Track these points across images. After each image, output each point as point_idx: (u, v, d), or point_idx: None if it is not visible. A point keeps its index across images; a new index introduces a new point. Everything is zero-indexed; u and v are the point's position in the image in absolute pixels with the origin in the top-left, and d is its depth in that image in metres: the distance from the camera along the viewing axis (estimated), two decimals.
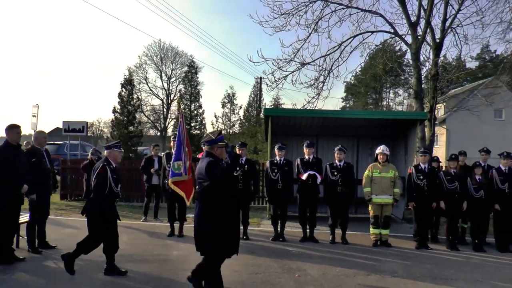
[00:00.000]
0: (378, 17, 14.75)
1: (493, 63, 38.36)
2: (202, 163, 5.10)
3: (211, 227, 4.98)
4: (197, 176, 5.16)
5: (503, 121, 39.13)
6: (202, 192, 5.07)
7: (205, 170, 4.95)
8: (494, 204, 8.83)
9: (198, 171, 5.11)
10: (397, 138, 12.34)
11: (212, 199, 5.02)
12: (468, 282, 6.53)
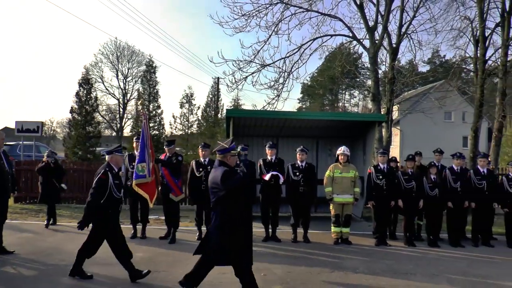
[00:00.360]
0: (337, 21, 15.12)
1: (443, 68, 39.97)
2: (216, 172, 5.09)
3: (228, 237, 5.04)
4: (210, 186, 5.14)
5: (453, 123, 41.02)
6: (218, 201, 5.08)
7: (221, 180, 4.94)
8: (447, 202, 9.26)
9: (213, 181, 5.09)
10: (356, 139, 12.66)
11: (228, 207, 5.05)
12: (425, 275, 6.84)
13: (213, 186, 5.08)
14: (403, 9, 15.42)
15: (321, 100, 66.39)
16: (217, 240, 5.08)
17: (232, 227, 5.05)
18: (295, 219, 9.13)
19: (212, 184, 5.08)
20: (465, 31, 16.34)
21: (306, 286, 6.07)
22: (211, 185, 5.13)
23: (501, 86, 15.23)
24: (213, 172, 5.19)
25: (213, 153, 6.16)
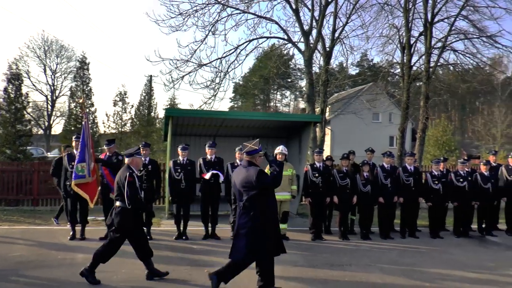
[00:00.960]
0: (273, 23, 15.47)
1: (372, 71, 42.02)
2: (249, 171, 5.32)
3: (260, 234, 5.29)
4: (242, 185, 5.33)
5: (380, 123, 43.18)
6: (251, 199, 5.28)
7: (256, 179, 5.19)
8: (378, 198, 9.82)
9: (245, 180, 5.29)
10: (292, 138, 13.04)
11: (260, 204, 5.29)
12: (360, 266, 7.26)
13: (245, 185, 5.30)
14: (336, 15, 16.06)
15: (253, 99, 67.11)
16: (248, 235, 5.31)
17: (263, 222, 5.32)
18: (234, 217, 9.28)
19: (245, 183, 5.30)
20: (393, 38, 17.34)
21: (250, 280, 6.22)
22: (242, 184, 5.34)
23: (424, 90, 16.33)
24: (244, 172, 5.41)
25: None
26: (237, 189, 5.50)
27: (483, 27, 16.42)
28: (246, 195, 5.33)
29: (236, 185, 5.51)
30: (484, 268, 7.38)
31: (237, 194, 5.56)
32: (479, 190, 10.26)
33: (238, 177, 5.49)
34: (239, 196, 5.46)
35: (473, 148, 45.86)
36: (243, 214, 5.36)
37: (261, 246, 5.35)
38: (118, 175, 6.12)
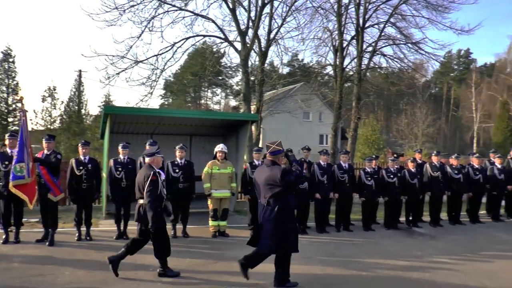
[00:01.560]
0: (210, 22, 15.53)
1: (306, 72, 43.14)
2: (273, 170, 5.72)
3: (285, 227, 5.73)
4: (267, 183, 5.71)
5: (311, 122, 44.51)
6: (275, 196, 5.67)
7: (281, 177, 5.59)
8: (315, 194, 10.20)
9: (270, 178, 5.69)
10: (229, 137, 13.18)
11: (283, 202, 5.71)
12: (300, 259, 7.48)
13: (269, 183, 5.70)
14: (271, 16, 16.39)
15: (183, 97, 66.52)
16: (275, 230, 5.70)
17: (286, 217, 5.75)
18: (175, 215, 9.28)
19: (269, 181, 5.71)
20: (326, 41, 17.97)
21: (195, 277, 6.31)
22: (267, 182, 5.74)
23: (357, 92, 17.09)
24: (267, 170, 5.83)
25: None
26: (259, 187, 5.91)
27: (409, 34, 17.53)
28: (270, 192, 5.72)
29: (258, 182, 5.91)
30: (413, 256, 7.94)
31: (259, 191, 5.94)
32: (407, 185, 10.97)
33: (262, 175, 5.88)
34: (262, 193, 5.84)
35: (397, 146, 48.32)
36: (268, 210, 5.78)
37: (286, 241, 5.78)
38: (140, 175, 6.42)
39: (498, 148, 20.94)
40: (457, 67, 70.59)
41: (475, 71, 58.03)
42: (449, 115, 63.16)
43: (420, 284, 6.28)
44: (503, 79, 48.58)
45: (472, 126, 51.89)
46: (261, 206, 5.92)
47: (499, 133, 44.16)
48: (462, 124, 58.70)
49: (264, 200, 5.82)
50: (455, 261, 7.66)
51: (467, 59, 70.48)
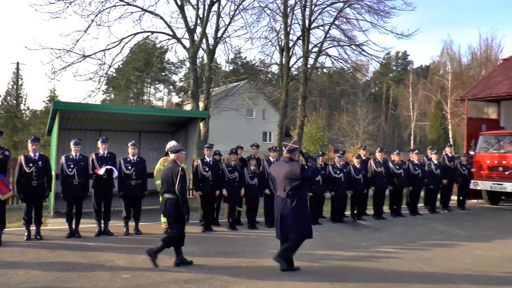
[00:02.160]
0: (159, 18, 15.42)
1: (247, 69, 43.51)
2: (292, 166, 6.46)
3: (305, 214, 6.51)
4: (287, 177, 6.39)
5: (254, 119, 45.04)
6: (295, 189, 6.39)
7: (300, 172, 6.33)
8: (264, 190, 10.48)
9: (290, 173, 6.39)
10: (178, 133, 13.20)
11: (301, 193, 6.49)
12: (253, 253, 7.80)
13: (290, 177, 6.39)
14: (219, 15, 16.51)
15: (126, 92, 65.16)
16: (299, 218, 6.41)
17: (304, 207, 6.58)
18: (127, 212, 9.26)
19: (289, 175, 6.40)
20: (273, 40, 18.34)
21: (152, 273, 6.38)
22: (287, 176, 6.42)
23: (302, 91, 17.56)
24: (286, 166, 6.52)
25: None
26: (277, 181, 6.58)
27: (353, 36, 18.24)
28: (290, 185, 6.41)
29: (275, 177, 6.62)
30: (359, 247, 8.40)
31: (277, 184, 6.59)
32: (352, 180, 11.50)
33: (281, 170, 6.57)
34: (281, 187, 6.49)
35: (339, 144, 49.79)
36: (288, 201, 6.45)
37: (304, 227, 6.54)
38: (166, 171, 6.89)
39: (433, 145, 22.22)
40: (395, 68, 73.66)
41: (412, 72, 60.81)
42: (388, 114, 65.85)
43: (367, 272, 6.68)
44: (437, 80, 51.22)
45: (410, 124, 54.40)
46: (279, 198, 6.57)
47: (433, 131, 46.61)
48: (400, 122, 61.40)
49: (283, 193, 6.47)
50: (398, 250, 8.19)
51: (405, 60, 73.75)
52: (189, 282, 6.00)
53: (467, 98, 16.86)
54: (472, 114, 16.84)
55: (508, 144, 14.24)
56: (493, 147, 14.52)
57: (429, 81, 54.44)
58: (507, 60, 19.24)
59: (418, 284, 6.14)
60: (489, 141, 14.78)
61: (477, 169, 14.49)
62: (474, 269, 7.00)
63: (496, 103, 17.27)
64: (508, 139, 14.41)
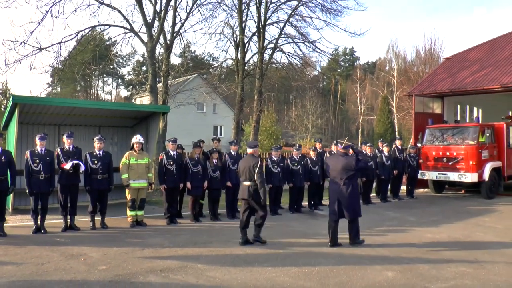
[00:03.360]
0: (116, 12, 15.30)
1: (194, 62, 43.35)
2: (348, 159, 7.90)
3: (357, 198, 8.14)
4: (344, 168, 7.79)
5: (205, 114, 45.22)
6: (350, 177, 7.83)
7: (355, 164, 7.81)
8: (226, 182, 10.81)
9: (347, 165, 7.81)
10: (138, 128, 13.23)
11: (354, 181, 8.05)
12: (220, 243, 8.11)
13: (346, 168, 7.81)
14: (176, 10, 16.57)
15: (73, 85, 63.25)
16: (354, 201, 7.93)
17: (356, 192, 8.08)
18: (93, 206, 9.33)
19: (346, 167, 7.81)
20: (228, 36, 18.60)
21: (128, 264, 6.58)
22: (344, 168, 7.81)
23: (258, 86, 17.96)
24: (343, 159, 7.93)
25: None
26: (335, 171, 7.95)
27: (306, 34, 18.81)
28: (346, 175, 7.81)
29: (333, 168, 7.99)
30: (320, 235, 8.87)
31: (336, 174, 7.94)
32: (309, 172, 12.03)
33: (338, 163, 7.95)
34: (339, 176, 7.87)
35: (289, 137, 50.81)
36: (344, 188, 7.83)
37: (359, 208, 8.12)
38: (245, 162, 8.03)
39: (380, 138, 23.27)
40: (343, 64, 75.63)
41: (359, 68, 62.83)
42: (337, 108, 67.65)
43: (330, 257, 7.18)
44: (383, 76, 53.27)
45: (357, 118, 56.25)
46: (336, 185, 7.93)
47: (380, 125, 48.50)
48: (348, 116, 63.28)
49: (341, 181, 7.84)
50: None
51: (352, 56, 75.89)
52: (165, 271, 6.26)
53: (414, 94, 17.87)
54: (419, 109, 17.89)
55: (451, 137, 15.31)
56: (438, 139, 15.56)
57: (376, 77, 56.48)
58: (449, 59, 20.49)
59: (377, 265, 6.70)
60: (435, 134, 15.80)
61: (424, 160, 15.47)
62: (425, 250, 7.70)
63: (440, 99, 18.42)
64: (451, 132, 15.48)
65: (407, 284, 5.84)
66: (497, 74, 16.23)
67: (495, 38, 20.10)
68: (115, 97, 69.69)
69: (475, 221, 10.68)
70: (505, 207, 12.85)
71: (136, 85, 56.24)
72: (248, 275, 6.16)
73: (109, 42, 20.84)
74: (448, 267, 6.66)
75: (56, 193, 9.16)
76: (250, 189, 7.88)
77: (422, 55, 46.41)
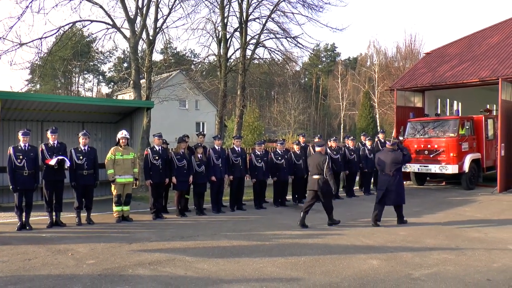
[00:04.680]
0: (98, 7, 15.16)
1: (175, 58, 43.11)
2: (396, 154, 9.30)
3: (403, 187, 9.54)
4: (393, 161, 9.17)
5: (187, 110, 45.11)
6: (397, 170, 9.23)
7: (402, 158, 9.25)
8: (211, 177, 10.86)
9: (395, 158, 9.19)
10: (122, 124, 13.16)
11: (400, 173, 9.40)
12: (207, 236, 8.18)
13: (395, 162, 9.17)
14: (157, 5, 16.48)
15: (53, 82, 62.33)
16: (400, 189, 9.29)
17: (402, 181, 9.45)
18: (79, 202, 9.29)
19: (395, 160, 9.18)
20: (211, 32, 18.58)
21: (116, 258, 6.61)
22: (393, 161, 9.18)
23: (241, 81, 17.99)
24: (392, 154, 9.31)
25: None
26: (385, 164, 9.25)
27: (288, 29, 18.85)
28: (395, 167, 9.18)
29: (384, 161, 9.31)
30: (305, 227, 9.04)
31: (386, 167, 9.25)
32: (293, 166, 12.15)
33: (387, 157, 9.31)
34: (388, 168, 9.21)
35: (271, 133, 50.91)
36: (393, 178, 9.19)
37: (404, 195, 9.46)
38: (315, 159, 9.29)
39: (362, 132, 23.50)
40: (324, 60, 75.97)
41: (340, 64, 63.27)
42: (319, 104, 67.98)
43: (316, 248, 7.31)
44: (365, 71, 53.76)
45: (339, 114, 56.67)
46: (386, 176, 9.27)
47: (362, 120, 48.92)
48: (330, 112, 63.65)
49: (390, 172, 9.18)
50: (340, 228, 8.95)
51: (333, 52, 76.28)
52: (153, 264, 6.31)
53: (395, 88, 18.12)
54: (401, 103, 18.16)
55: (432, 130, 15.60)
56: (419, 132, 15.84)
57: (357, 72, 56.94)
58: (429, 54, 20.81)
59: (362, 254, 6.85)
60: (416, 127, 16.08)
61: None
62: (409, 240, 7.90)
63: (421, 93, 18.72)
64: (432, 125, 15.77)
65: (391, 271, 6.00)
66: (475, 69, 16.57)
67: (472, 34, 20.48)
68: (96, 94, 68.99)
69: (456, 211, 10.96)
70: (484, 197, 13.19)
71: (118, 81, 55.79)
72: (235, 266, 6.25)
73: (89, 39, 20.69)
74: (430, 254, 6.85)
75: (40, 190, 9.09)
76: (319, 181, 9.10)
77: (402, 50, 47.02)
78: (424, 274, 5.86)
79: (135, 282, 5.50)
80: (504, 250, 7.20)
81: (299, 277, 5.75)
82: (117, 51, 49.72)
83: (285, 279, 5.68)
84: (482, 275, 5.86)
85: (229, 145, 16.84)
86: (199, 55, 43.24)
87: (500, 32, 19.19)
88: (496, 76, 14.94)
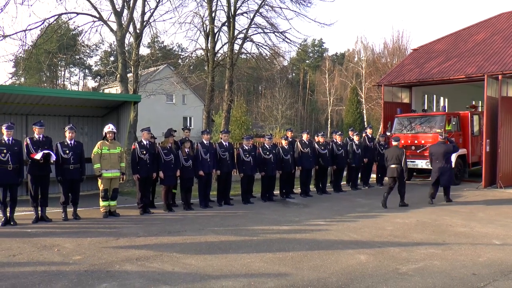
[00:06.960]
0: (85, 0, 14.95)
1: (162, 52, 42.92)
2: (448, 146, 11.47)
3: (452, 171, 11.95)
4: (445, 152, 11.36)
5: (174, 104, 44.88)
6: (448, 159, 11.43)
7: (452, 149, 11.67)
8: (199, 171, 10.81)
9: (447, 149, 11.42)
10: (109, 117, 13.05)
11: (451, 161, 11.76)
12: (194, 231, 8.15)
13: (447, 151, 11.41)
14: None
15: (38, 76, 61.54)
16: (450, 173, 11.53)
17: (451, 168, 11.91)
18: (65, 197, 9.19)
19: (447, 151, 11.41)
20: (198, 26, 18.44)
21: (103, 253, 6.54)
22: (445, 152, 11.39)
23: (229, 75, 17.91)
24: (444, 146, 11.47)
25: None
26: (438, 155, 11.39)
27: (276, 24, 18.77)
28: (446, 156, 11.35)
29: (437, 152, 11.46)
30: (292, 222, 9.06)
31: (439, 156, 11.37)
32: (281, 161, 12.15)
33: (439, 149, 11.43)
34: (441, 158, 11.31)
35: (258, 128, 50.87)
36: (445, 166, 11.31)
37: (453, 177, 12.04)
38: (393, 152, 11.16)
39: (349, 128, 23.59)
40: (312, 55, 76.05)
41: (328, 59, 63.30)
42: (306, 99, 68.07)
43: (304, 242, 7.32)
44: (352, 67, 53.91)
45: (326, 109, 56.82)
46: (440, 163, 11.30)
47: (349, 115, 49.01)
48: (317, 107, 63.79)
49: (443, 160, 11.28)
50: (328, 223, 8.98)
51: (321, 48, 76.39)
52: (140, 259, 6.27)
53: (383, 84, 18.22)
54: (388, 99, 18.26)
55: (419, 125, 15.72)
56: (407, 128, 15.96)
57: (345, 68, 57.07)
58: (417, 50, 20.95)
59: (349, 249, 6.88)
60: (403, 123, 16.20)
61: None
62: (396, 234, 7.96)
63: (408, 89, 18.85)
64: (419, 120, 15.89)
65: (379, 266, 6.03)
66: (461, 65, 16.72)
67: (459, 31, 20.67)
68: (82, 88, 68.30)
69: (442, 206, 11.08)
70: (470, 193, 13.34)
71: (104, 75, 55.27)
72: (223, 261, 6.23)
73: (75, 31, 20.41)
74: (417, 249, 6.91)
75: (26, 184, 8.96)
76: (397, 169, 11.02)
77: (390, 46, 47.23)
78: (411, 269, 5.90)
79: (122, 278, 5.45)
80: (489, 244, 7.29)
81: (287, 273, 5.75)
82: (103, 45, 49.25)
83: (273, 275, 5.67)
84: (468, 269, 5.92)
85: (217, 139, 16.78)
86: (186, 49, 43.08)
87: (486, 29, 19.38)
88: (482, 73, 15.10)
